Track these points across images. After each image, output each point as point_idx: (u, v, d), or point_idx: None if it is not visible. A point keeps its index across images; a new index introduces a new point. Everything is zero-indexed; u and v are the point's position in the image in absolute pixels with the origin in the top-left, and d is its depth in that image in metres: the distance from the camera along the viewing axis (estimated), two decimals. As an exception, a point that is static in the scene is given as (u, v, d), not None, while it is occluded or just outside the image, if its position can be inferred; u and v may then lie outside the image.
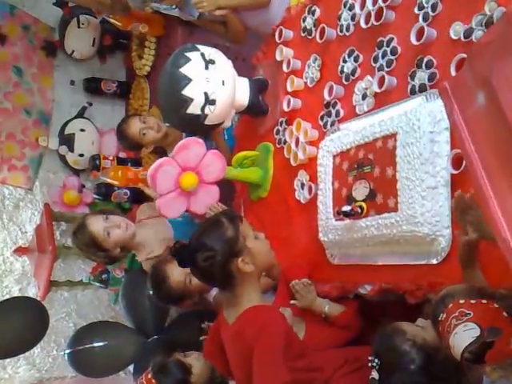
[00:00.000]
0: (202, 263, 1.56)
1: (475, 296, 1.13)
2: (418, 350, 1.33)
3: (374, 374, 1.37)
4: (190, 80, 1.97)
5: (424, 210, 1.48)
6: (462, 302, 1.12)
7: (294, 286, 1.86)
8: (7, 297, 3.64)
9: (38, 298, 3.37)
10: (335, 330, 1.84)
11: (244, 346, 1.54)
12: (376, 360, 1.38)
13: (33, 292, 3.69)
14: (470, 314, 1.08)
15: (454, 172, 1.47)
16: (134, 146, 2.77)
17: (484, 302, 1.11)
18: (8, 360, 3.51)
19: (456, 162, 1.46)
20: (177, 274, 2.08)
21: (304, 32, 2.14)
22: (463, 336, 1.04)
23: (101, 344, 2.80)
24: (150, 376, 1.91)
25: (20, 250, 3.63)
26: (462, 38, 1.49)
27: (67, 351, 2.84)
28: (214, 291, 2.20)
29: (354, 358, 1.65)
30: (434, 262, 1.52)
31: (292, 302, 1.86)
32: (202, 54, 2.03)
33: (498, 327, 1.03)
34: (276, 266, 1.95)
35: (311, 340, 1.79)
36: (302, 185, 2.08)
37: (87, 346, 2.79)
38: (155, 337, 2.80)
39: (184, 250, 1.59)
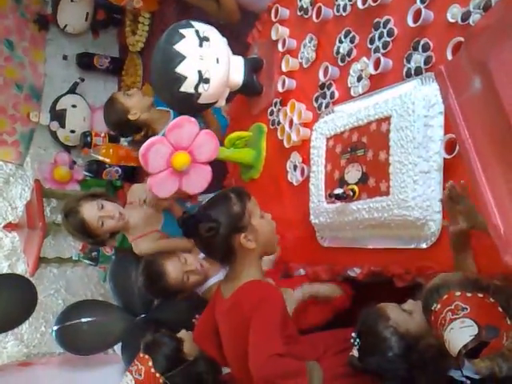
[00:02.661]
0: (204, 233, 1.58)
1: (471, 288, 1.12)
2: (399, 338, 1.35)
3: (354, 352, 1.41)
4: (183, 57, 1.94)
5: (415, 194, 1.47)
6: (457, 294, 1.11)
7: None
8: (-4, 272, 3.65)
9: (27, 274, 3.38)
10: (325, 306, 1.86)
11: (240, 318, 1.55)
12: (358, 340, 1.40)
13: (22, 268, 3.69)
14: (466, 308, 1.07)
15: (447, 157, 1.46)
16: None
17: (480, 295, 1.10)
18: (-5, 335, 3.52)
19: (449, 146, 1.46)
20: (175, 271, 2.07)
21: (300, 11, 2.11)
22: (460, 333, 1.04)
23: (88, 319, 2.80)
24: (141, 355, 1.90)
25: (10, 226, 3.62)
26: (460, 21, 1.47)
27: (55, 328, 2.84)
28: (204, 287, 2.20)
29: (343, 338, 1.66)
30: (424, 246, 1.52)
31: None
32: (197, 31, 1.99)
33: (496, 326, 1.03)
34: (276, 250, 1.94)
35: (303, 309, 1.81)
36: (295, 167, 2.07)
37: (74, 322, 2.80)
38: (143, 315, 2.80)
39: (189, 220, 1.61)
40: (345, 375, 1.54)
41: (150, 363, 1.84)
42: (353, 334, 1.44)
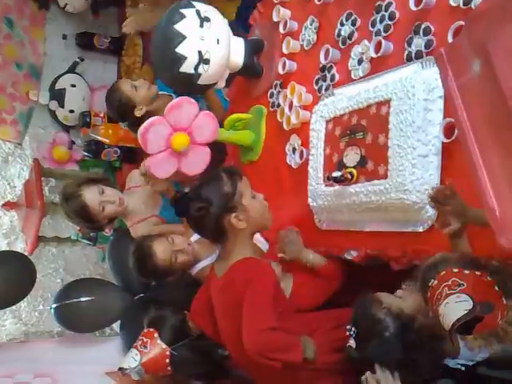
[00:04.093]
0: (195, 213, 1.62)
1: (469, 266, 1.13)
2: (393, 318, 1.37)
3: (351, 342, 1.42)
4: (184, 37, 1.93)
5: (414, 178, 1.48)
6: (455, 270, 1.12)
7: (281, 234, 1.85)
8: (-6, 250, 3.66)
9: (26, 253, 3.39)
10: (321, 282, 1.86)
11: (233, 295, 1.58)
12: (353, 328, 1.42)
13: (21, 247, 3.70)
14: (463, 284, 1.09)
15: (446, 141, 1.46)
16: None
17: (478, 273, 1.12)
18: (-6, 313, 3.54)
19: (448, 130, 1.46)
20: (163, 251, 2.08)
21: (302, -7, 2.09)
22: (455, 307, 1.06)
23: (88, 299, 2.82)
24: (145, 330, 1.91)
25: (8, 205, 3.63)
26: (461, 5, 1.47)
27: (53, 306, 2.86)
28: (196, 269, 2.21)
29: (335, 317, 1.70)
30: (421, 229, 1.53)
31: (280, 254, 1.87)
32: (198, 11, 1.98)
33: (491, 302, 1.05)
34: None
35: (299, 292, 1.83)
36: (294, 149, 2.07)
37: (74, 300, 2.82)
38: (141, 295, 2.82)
39: (181, 199, 1.66)
40: (337, 350, 1.57)
41: (156, 335, 1.85)
42: (347, 326, 1.45)
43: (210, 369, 1.90)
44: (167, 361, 1.83)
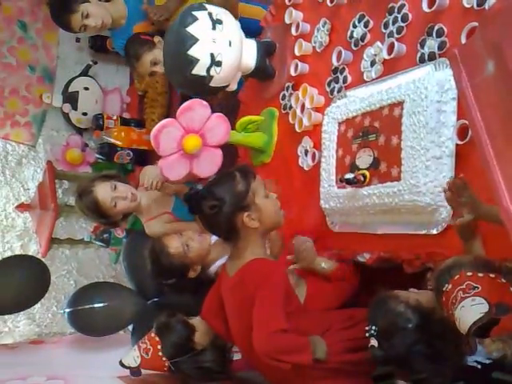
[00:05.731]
0: (207, 211, 1.62)
1: (482, 269, 1.12)
2: (413, 309, 1.35)
3: (373, 342, 1.38)
4: (196, 40, 1.94)
5: (427, 179, 1.47)
6: (469, 274, 1.11)
7: (297, 242, 1.86)
8: (8, 252, 3.69)
9: (40, 255, 3.41)
10: (335, 285, 1.85)
11: (244, 295, 1.58)
12: (373, 327, 1.39)
13: (34, 248, 3.73)
14: (478, 287, 1.08)
15: (459, 142, 1.45)
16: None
17: (492, 276, 1.11)
18: (8, 314, 3.56)
19: (461, 132, 1.45)
20: (174, 244, 2.09)
21: (314, -5, 2.09)
22: (471, 310, 1.05)
23: (101, 305, 2.83)
24: (152, 335, 1.92)
25: (22, 207, 3.66)
26: (475, 6, 1.46)
27: (67, 310, 2.87)
28: (216, 267, 2.20)
29: (347, 316, 1.68)
30: (434, 232, 1.52)
31: (292, 266, 1.87)
32: (210, 14, 1.99)
33: (507, 304, 1.03)
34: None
35: (313, 297, 1.82)
36: (306, 152, 2.07)
37: (87, 306, 2.83)
38: (155, 299, 2.82)
39: (194, 196, 1.65)
40: (350, 350, 1.56)
41: (159, 346, 1.86)
42: (366, 327, 1.42)
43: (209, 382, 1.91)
44: (165, 369, 1.86)
